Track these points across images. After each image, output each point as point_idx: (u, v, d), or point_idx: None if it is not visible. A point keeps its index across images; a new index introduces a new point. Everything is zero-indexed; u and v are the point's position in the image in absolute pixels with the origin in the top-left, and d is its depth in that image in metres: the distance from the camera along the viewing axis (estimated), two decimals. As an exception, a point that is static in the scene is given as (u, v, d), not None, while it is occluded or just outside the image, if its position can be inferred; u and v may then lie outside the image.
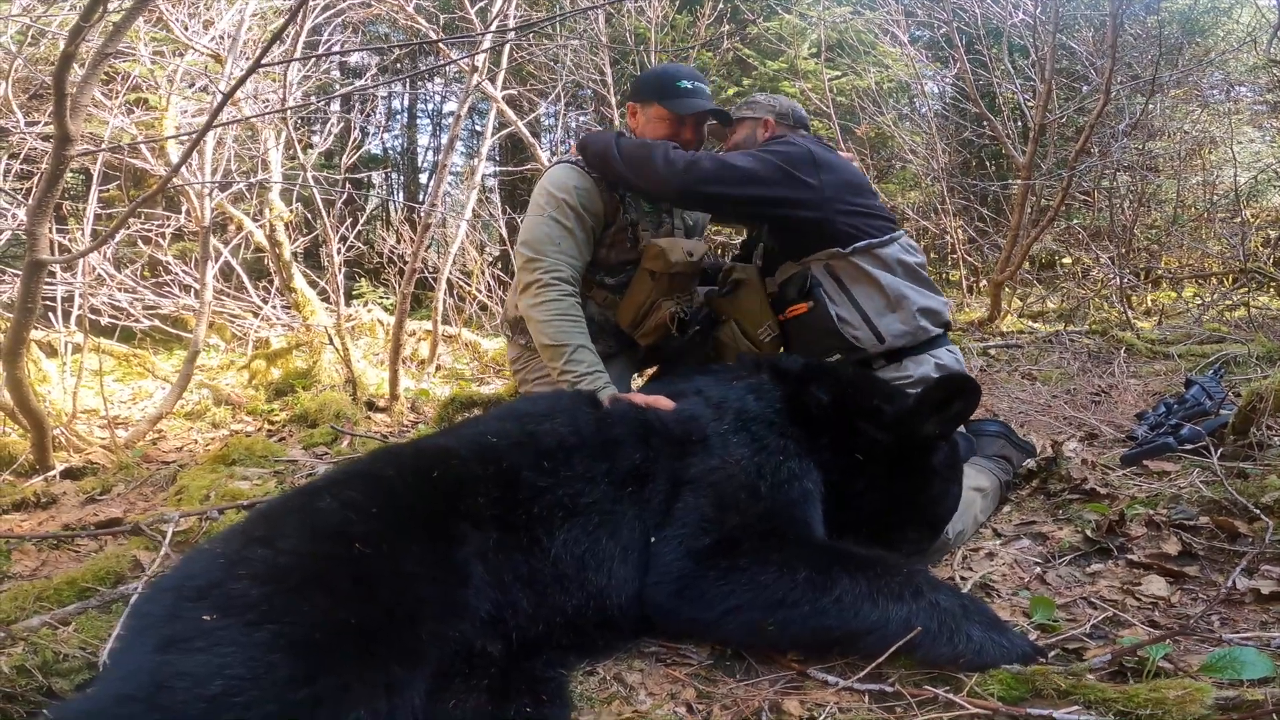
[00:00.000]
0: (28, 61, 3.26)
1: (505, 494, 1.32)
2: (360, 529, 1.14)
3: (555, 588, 1.28)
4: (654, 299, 2.23)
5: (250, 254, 4.75)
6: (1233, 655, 1.09)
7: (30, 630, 1.37)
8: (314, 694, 0.91)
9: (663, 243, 2.19)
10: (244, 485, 2.31)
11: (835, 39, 6.12)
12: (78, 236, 3.60)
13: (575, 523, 1.34)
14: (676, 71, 2.23)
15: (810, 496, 1.50)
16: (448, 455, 1.37)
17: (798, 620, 1.25)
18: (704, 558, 1.34)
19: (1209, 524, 1.66)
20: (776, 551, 1.34)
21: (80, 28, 1.61)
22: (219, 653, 0.91)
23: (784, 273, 2.14)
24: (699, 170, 1.99)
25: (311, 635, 0.96)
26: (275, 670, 0.91)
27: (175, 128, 3.53)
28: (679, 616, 1.33)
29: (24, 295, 2.09)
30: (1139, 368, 3.58)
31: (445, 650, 1.09)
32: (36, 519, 2.18)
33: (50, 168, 1.88)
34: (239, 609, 0.97)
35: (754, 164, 2.02)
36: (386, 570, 1.10)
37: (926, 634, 1.19)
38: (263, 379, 3.97)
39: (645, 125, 2.25)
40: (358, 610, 1.02)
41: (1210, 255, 5.57)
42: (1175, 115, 6.20)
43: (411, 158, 10.65)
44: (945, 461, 1.63)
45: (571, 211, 2.14)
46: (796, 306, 2.09)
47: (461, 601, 1.15)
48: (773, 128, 2.27)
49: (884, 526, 1.59)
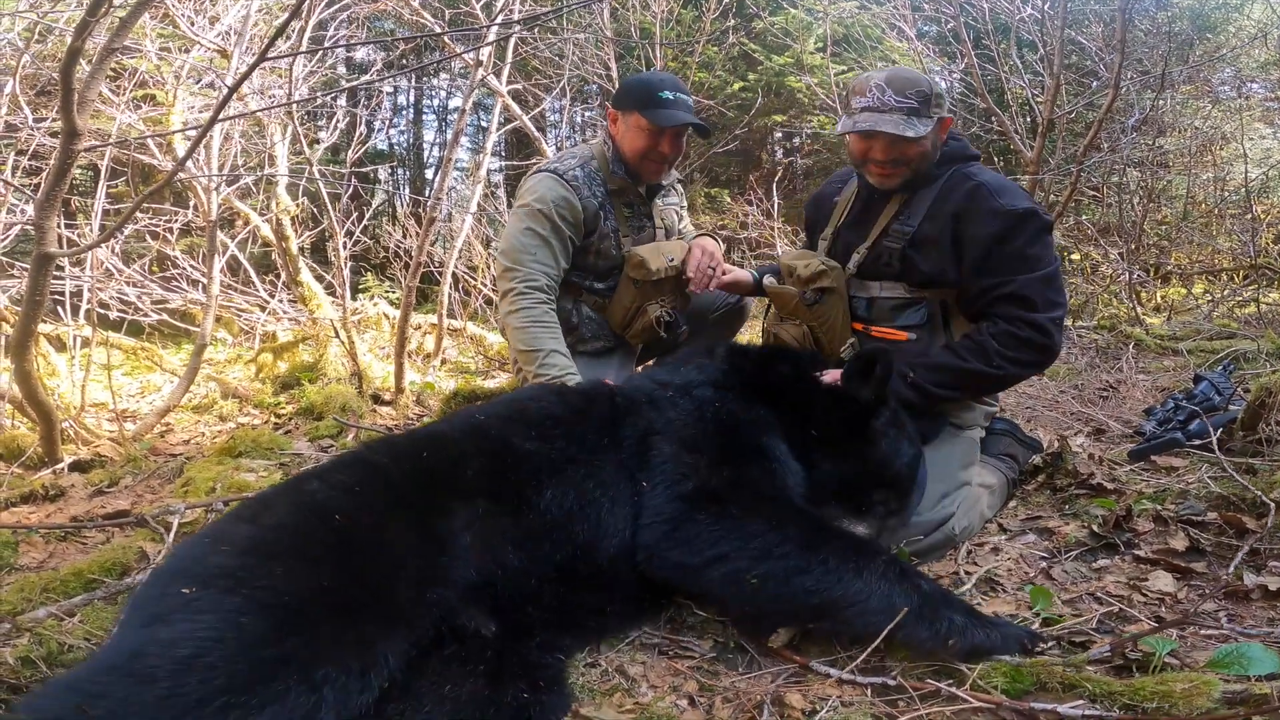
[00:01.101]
0: (35, 58, 3.28)
1: (493, 464, 1.34)
2: (343, 505, 1.16)
3: (545, 541, 1.29)
4: (639, 304, 2.30)
5: (257, 248, 4.76)
6: (1240, 650, 1.08)
7: (36, 621, 1.39)
8: (282, 653, 0.93)
9: (644, 252, 2.24)
10: (250, 477, 2.32)
11: (841, 33, 6.08)
12: (86, 231, 3.63)
13: (562, 477, 1.36)
14: (659, 81, 2.21)
15: (764, 424, 1.57)
16: (439, 438, 1.41)
17: (780, 575, 1.25)
18: (693, 501, 1.36)
19: (1217, 519, 1.65)
20: (766, 505, 1.35)
21: (86, 23, 1.61)
22: (195, 620, 0.94)
23: (889, 289, 1.94)
24: (1060, 311, 1.81)
25: (283, 598, 0.98)
26: (244, 631, 0.93)
27: (182, 123, 3.54)
28: (667, 560, 1.33)
29: (32, 289, 2.10)
30: (1148, 363, 3.56)
31: (425, 616, 1.10)
32: (45, 511, 2.19)
33: (58, 162, 1.89)
34: (216, 578, 1.00)
35: (1059, 279, 1.84)
36: (365, 540, 1.12)
37: (910, 613, 1.19)
38: (269, 372, 3.99)
39: (625, 133, 2.25)
40: (332, 575, 1.04)
41: (1221, 251, 5.51)
42: (1186, 111, 6.14)
43: (417, 153, 10.68)
44: (889, 421, 1.65)
45: (548, 222, 2.18)
46: (893, 332, 1.93)
47: (442, 567, 1.16)
48: (949, 125, 1.92)
49: (851, 494, 1.60)
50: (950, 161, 1.91)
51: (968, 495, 1.80)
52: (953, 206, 1.83)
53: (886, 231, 1.91)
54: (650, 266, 2.22)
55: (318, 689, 0.92)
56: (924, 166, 1.87)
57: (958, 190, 1.85)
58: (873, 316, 1.97)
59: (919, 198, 1.89)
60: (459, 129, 3.42)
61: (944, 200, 1.86)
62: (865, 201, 2.01)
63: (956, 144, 1.94)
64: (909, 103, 1.77)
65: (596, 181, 2.28)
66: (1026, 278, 1.76)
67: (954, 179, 1.88)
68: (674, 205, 2.58)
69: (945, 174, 1.89)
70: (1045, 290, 1.77)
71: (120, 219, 2.25)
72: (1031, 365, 1.84)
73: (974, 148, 2.02)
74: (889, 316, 1.95)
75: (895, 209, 1.92)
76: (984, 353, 1.78)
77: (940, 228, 1.84)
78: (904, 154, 1.82)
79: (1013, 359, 1.77)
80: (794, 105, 6.82)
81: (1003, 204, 1.79)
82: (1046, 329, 1.77)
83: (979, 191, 1.82)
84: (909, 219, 1.88)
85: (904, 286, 1.92)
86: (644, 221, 2.41)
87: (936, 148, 1.88)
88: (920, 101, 1.77)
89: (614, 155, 2.28)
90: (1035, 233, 1.79)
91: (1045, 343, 1.78)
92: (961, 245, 1.82)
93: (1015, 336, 1.76)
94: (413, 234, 4.97)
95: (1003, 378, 1.83)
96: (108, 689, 0.87)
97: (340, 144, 5.21)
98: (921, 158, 1.85)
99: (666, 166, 2.32)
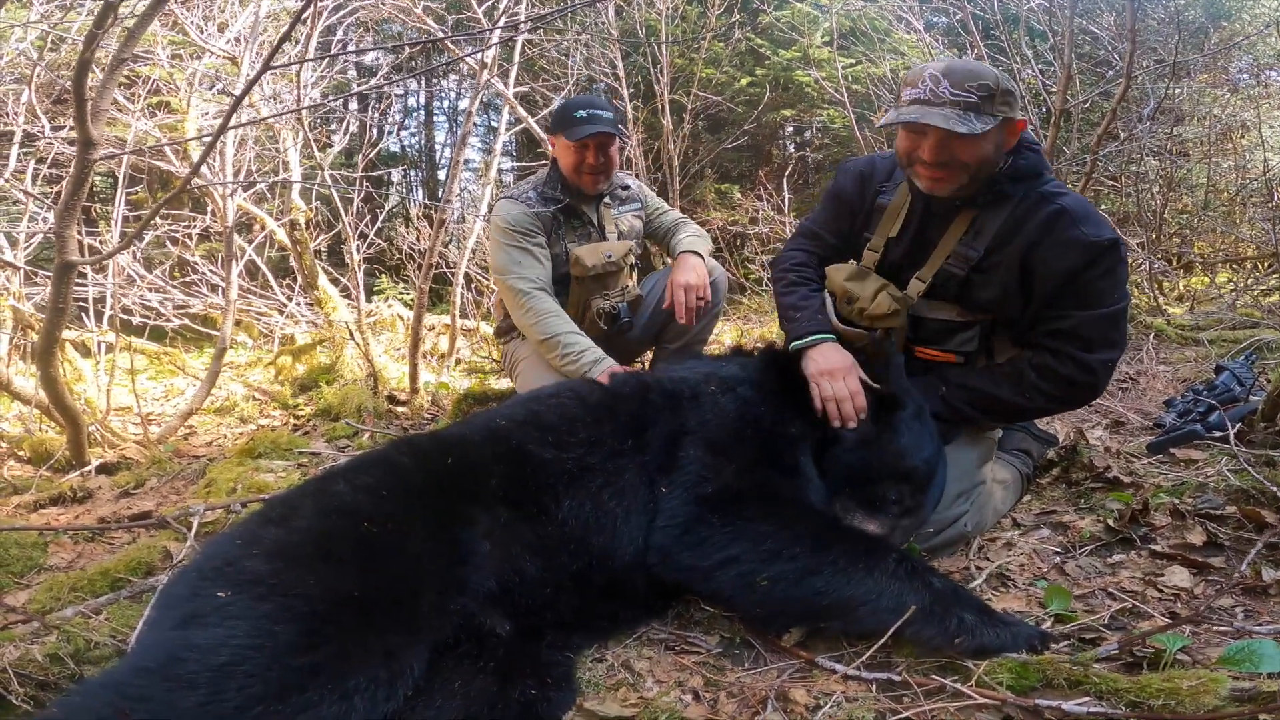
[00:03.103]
0: (49, 67, 3.34)
1: (514, 471, 1.36)
2: (370, 510, 1.18)
3: (562, 551, 1.31)
4: (584, 298, 2.56)
5: (274, 253, 4.83)
6: (1251, 647, 1.07)
7: (64, 620, 1.42)
8: (315, 661, 0.95)
9: (581, 250, 2.51)
10: (269, 478, 2.37)
11: (848, 27, 6.02)
12: (107, 238, 3.70)
13: (581, 486, 1.37)
14: (575, 103, 2.49)
15: (796, 440, 1.58)
16: (461, 442, 1.42)
17: (791, 577, 1.25)
18: (708, 504, 1.36)
19: (1235, 513, 1.62)
20: (779, 507, 1.36)
21: (94, 34, 1.65)
22: (229, 625, 0.96)
23: (941, 310, 1.77)
24: (1116, 353, 1.68)
25: (315, 606, 1.00)
26: (278, 639, 0.95)
27: (196, 129, 3.60)
28: (678, 562, 1.34)
29: (55, 297, 2.15)
30: (1169, 354, 3.50)
31: (446, 624, 1.12)
32: (73, 513, 2.25)
33: (75, 172, 1.93)
34: (249, 584, 1.02)
35: (1124, 319, 1.69)
36: (391, 547, 1.14)
37: (919, 612, 1.19)
38: (288, 374, 4.05)
39: (559, 154, 2.54)
40: (361, 583, 1.06)
41: (1243, 240, 5.40)
42: (1204, 99, 6.01)
43: (429, 155, 10.74)
44: (912, 414, 1.65)
45: (518, 236, 2.48)
46: (941, 354, 1.80)
47: (463, 578, 1.18)
48: (1021, 129, 1.66)
49: (866, 485, 1.58)
50: (1024, 178, 1.65)
51: (981, 492, 1.79)
52: (1028, 234, 1.62)
53: (952, 255, 1.71)
54: (587, 263, 2.48)
55: (348, 698, 0.94)
56: (984, 174, 1.62)
57: (1034, 216, 1.62)
58: (920, 336, 1.81)
59: (987, 219, 1.67)
60: (466, 131, 3.45)
61: (1017, 225, 1.64)
62: (923, 217, 1.76)
63: (1034, 156, 1.68)
64: (968, 96, 1.51)
65: (548, 199, 2.56)
66: (1089, 314, 1.61)
67: (1029, 200, 1.64)
68: (631, 210, 2.78)
69: (1019, 193, 1.65)
70: (1107, 329, 1.63)
71: (139, 226, 2.31)
72: (1065, 402, 1.74)
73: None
74: (939, 339, 1.80)
75: (960, 231, 1.70)
76: (1019, 382, 1.69)
77: (1010, 256, 1.64)
78: (956, 155, 1.57)
79: (1046, 393, 1.67)
80: (803, 99, 6.77)
81: (1086, 234, 1.58)
82: (1094, 369, 1.64)
83: (1060, 219, 1.60)
84: (975, 243, 1.68)
85: (957, 310, 1.76)
86: (591, 230, 2.64)
87: (1001, 154, 1.62)
88: (982, 96, 1.51)
89: (556, 175, 2.57)
90: (1111, 266, 1.60)
91: (1089, 382, 1.66)
92: (1032, 278, 1.64)
93: (1056, 373, 1.65)
94: (425, 236, 5.01)
95: (1030, 410, 1.75)
96: (146, 692, 0.89)
97: (352, 147, 5.27)
98: (981, 163, 1.59)
99: (602, 176, 2.53)
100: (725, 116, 6.67)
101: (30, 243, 3.27)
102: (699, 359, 1.97)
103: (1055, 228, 1.60)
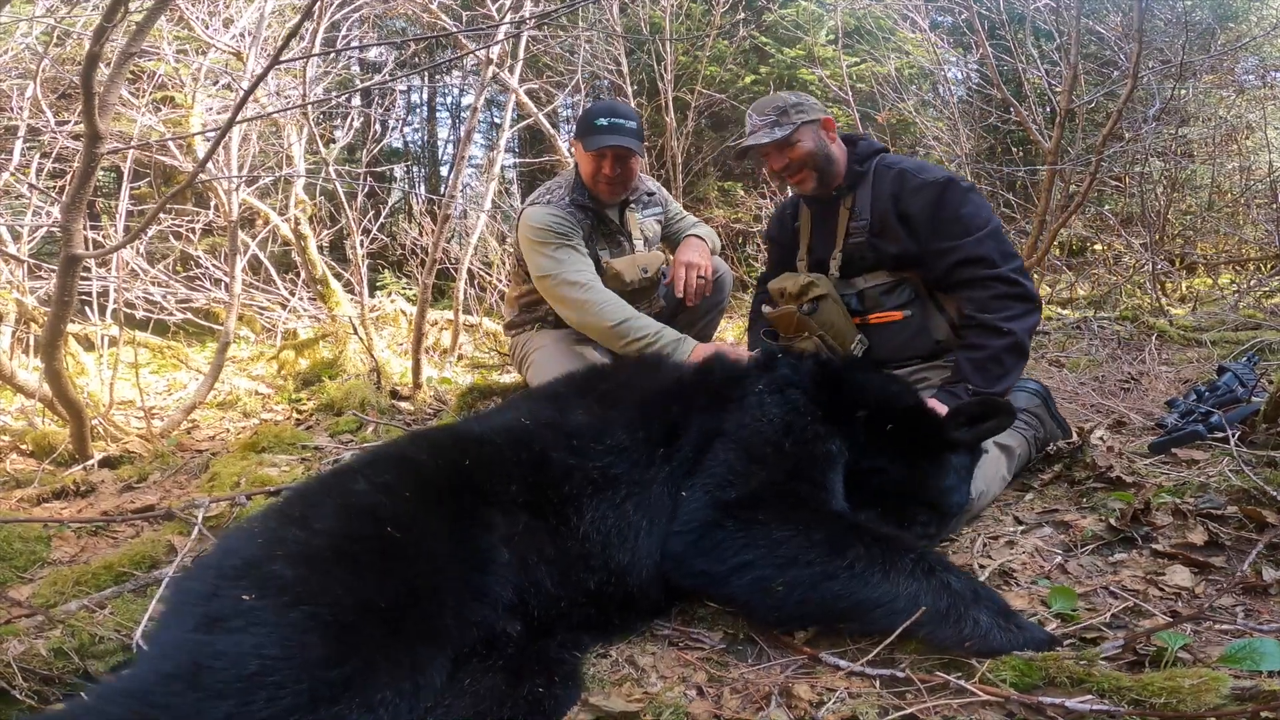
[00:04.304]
0: (54, 62, 3.34)
1: (536, 476, 1.33)
2: (391, 511, 1.16)
3: (579, 566, 1.29)
4: None
5: (278, 247, 4.84)
6: (1252, 646, 1.08)
7: (68, 613, 1.42)
8: (344, 674, 0.93)
9: (619, 264, 2.52)
10: (272, 472, 2.37)
11: (853, 25, 6.02)
12: (111, 233, 3.71)
13: (604, 497, 1.35)
14: (597, 110, 2.48)
15: (833, 460, 1.56)
16: (480, 442, 1.39)
17: (806, 581, 1.24)
18: (727, 509, 1.35)
19: (1237, 513, 1.62)
20: (796, 512, 1.34)
21: (103, 28, 1.65)
22: (255, 632, 0.94)
23: (872, 279, 2.13)
24: (1017, 261, 2.00)
25: (342, 617, 0.99)
26: (308, 651, 0.93)
27: (201, 124, 3.60)
28: (691, 567, 1.33)
29: (60, 289, 2.16)
30: (1171, 354, 3.50)
31: (468, 634, 1.11)
32: (76, 506, 2.26)
33: (82, 165, 1.94)
34: (274, 589, 1.00)
35: (1001, 234, 2.03)
36: (415, 554, 1.12)
37: (934, 614, 1.18)
38: (291, 369, 4.05)
39: (580, 161, 2.53)
40: (386, 593, 1.04)
41: (1247, 241, 5.39)
42: (1209, 100, 6.00)
43: (432, 151, 10.75)
44: (964, 464, 1.70)
45: (556, 237, 2.45)
46: (888, 314, 2.12)
47: (484, 587, 1.16)
48: (831, 125, 2.18)
49: (898, 504, 1.61)
50: (868, 157, 2.14)
51: (984, 461, 1.83)
52: (887, 191, 2.07)
53: (848, 231, 2.13)
54: (625, 279, 2.52)
55: (374, 711, 0.93)
56: (831, 167, 2.12)
57: (885, 178, 2.10)
58: (866, 307, 2.14)
59: (859, 195, 2.12)
60: (470, 127, 3.45)
61: (879, 189, 2.10)
62: (820, 218, 2.23)
63: (865, 143, 2.20)
64: (768, 118, 2.10)
65: (579, 205, 2.55)
66: (970, 239, 1.96)
67: (879, 170, 2.12)
68: (654, 215, 2.78)
69: (870, 168, 2.12)
70: (992, 246, 1.96)
71: (144, 220, 2.31)
72: (1027, 314, 1.96)
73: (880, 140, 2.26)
74: (879, 302, 2.13)
75: (847, 210, 2.13)
76: (986, 329, 1.92)
77: (887, 214, 2.06)
78: (792, 158, 2.09)
79: (1009, 316, 1.91)
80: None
81: (924, 178, 2.03)
82: (1011, 279, 1.93)
83: (903, 175, 2.07)
84: (860, 214, 2.11)
85: (885, 272, 2.11)
86: (617, 235, 2.63)
87: (828, 145, 2.12)
88: (778, 114, 2.08)
89: (578, 181, 2.56)
90: (962, 195, 2.00)
91: (1019, 291, 1.94)
92: (908, 221, 2.04)
93: (995, 296, 1.93)
94: (428, 231, 5.02)
95: (1019, 337, 1.93)
96: (172, 700, 0.87)
97: (356, 143, 5.26)
98: (813, 156, 2.09)
99: (618, 186, 2.52)
100: (729, 114, 6.67)
101: (34, 236, 3.27)
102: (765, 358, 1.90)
103: (903, 181, 2.06)
